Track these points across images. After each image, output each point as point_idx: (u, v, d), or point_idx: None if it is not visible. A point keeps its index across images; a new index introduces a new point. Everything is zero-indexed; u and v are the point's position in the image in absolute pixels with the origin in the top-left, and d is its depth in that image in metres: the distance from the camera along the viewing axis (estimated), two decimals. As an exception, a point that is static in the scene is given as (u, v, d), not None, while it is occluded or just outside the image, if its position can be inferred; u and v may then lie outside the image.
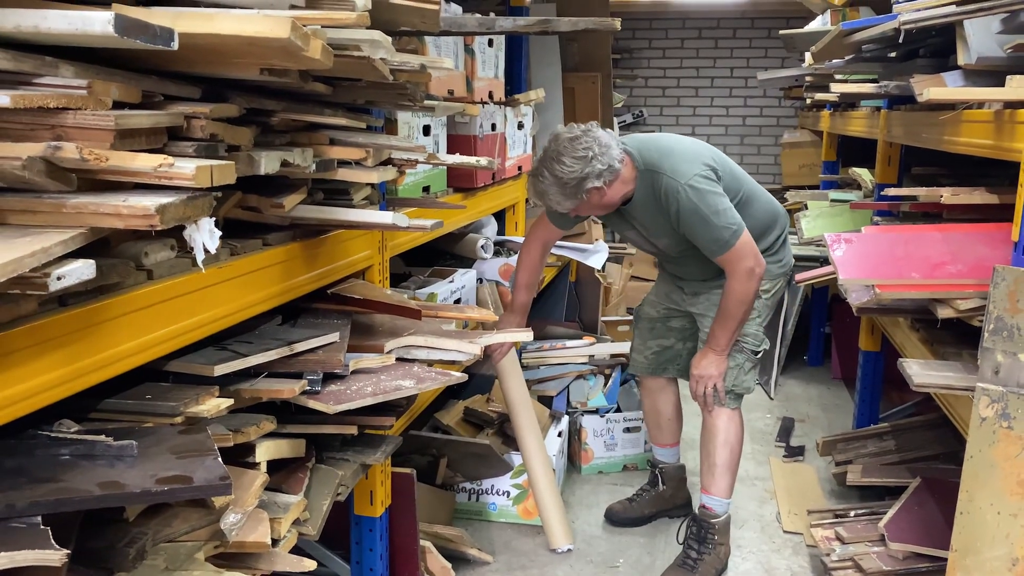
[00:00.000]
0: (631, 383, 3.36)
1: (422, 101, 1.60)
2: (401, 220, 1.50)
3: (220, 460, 1.06)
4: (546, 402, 3.07)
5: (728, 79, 6.13)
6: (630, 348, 2.82)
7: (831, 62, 3.29)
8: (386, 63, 1.31)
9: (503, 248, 3.14)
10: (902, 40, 2.16)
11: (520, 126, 3.05)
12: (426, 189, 2.30)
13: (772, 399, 4.04)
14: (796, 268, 2.75)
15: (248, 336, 1.50)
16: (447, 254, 2.98)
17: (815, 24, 4.56)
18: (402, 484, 2.10)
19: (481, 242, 2.94)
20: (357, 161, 1.49)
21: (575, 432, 3.16)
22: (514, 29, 1.87)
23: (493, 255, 2.99)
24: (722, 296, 2.34)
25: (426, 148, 1.61)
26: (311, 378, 1.45)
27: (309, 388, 1.44)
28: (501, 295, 2.90)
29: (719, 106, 6.33)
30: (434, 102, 1.91)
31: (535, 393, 3.05)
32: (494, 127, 2.76)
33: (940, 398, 2.04)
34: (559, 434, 2.97)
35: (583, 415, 3.14)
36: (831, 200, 3.67)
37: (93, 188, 0.97)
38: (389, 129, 2.03)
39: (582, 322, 4.16)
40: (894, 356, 2.17)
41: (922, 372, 1.74)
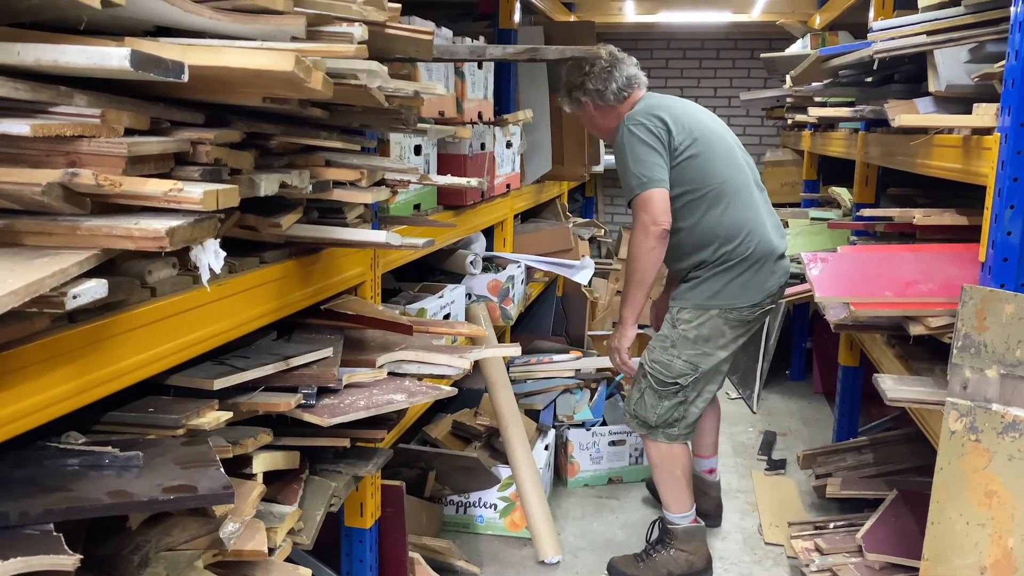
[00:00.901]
0: (616, 397, 3.41)
1: (415, 124, 1.65)
2: (394, 239, 1.55)
3: (222, 470, 1.10)
4: (533, 416, 3.12)
5: (712, 99, 6.22)
6: None
7: (810, 85, 3.38)
8: (382, 90, 1.36)
9: (491, 264, 3.19)
10: (876, 67, 2.24)
11: (508, 145, 3.11)
12: (417, 207, 2.35)
13: (755, 413, 4.09)
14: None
15: (245, 351, 1.54)
16: (436, 269, 3.02)
17: (795, 47, 4.66)
18: (391, 496, 2.13)
19: (470, 258, 2.98)
20: (352, 182, 1.54)
21: (561, 445, 3.21)
22: (503, 57, 1.92)
23: (482, 271, 3.04)
24: None
25: (418, 169, 1.66)
26: (306, 392, 1.49)
27: (304, 402, 1.48)
28: (489, 310, 2.94)
29: (703, 124, 6.39)
30: (426, 125, 1.96)
31: (522, 407, 3.09)
32: (483, 146, 2.81)
33: (914, 412, 2.09)
34: (546, 447, 3.02)
35: (569, 428, 3.19)
36: (811, 219, 3.76)
37: (103, 211, 1.01)
38: (382, 149, 2.09)
39: (569, 336, 4.21)
40: (873, 371, 2.22)
41: (895, 387, 1.80)
